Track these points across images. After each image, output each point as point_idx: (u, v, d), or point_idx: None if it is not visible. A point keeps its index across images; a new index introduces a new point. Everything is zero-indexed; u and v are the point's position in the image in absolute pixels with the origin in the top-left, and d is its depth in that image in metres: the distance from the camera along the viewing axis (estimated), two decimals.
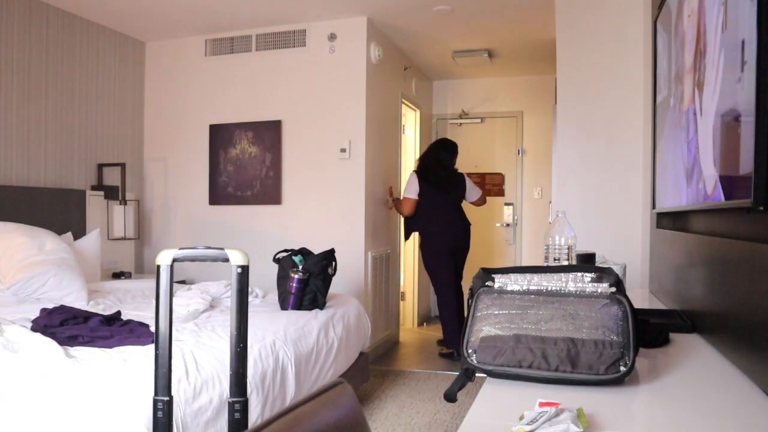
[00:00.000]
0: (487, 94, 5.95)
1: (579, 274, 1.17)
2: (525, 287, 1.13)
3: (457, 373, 1.13)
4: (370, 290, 4.29)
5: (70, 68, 4.08)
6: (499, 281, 1.15)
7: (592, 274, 1.16)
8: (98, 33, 4.30)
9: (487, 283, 1.15)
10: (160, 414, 1.49)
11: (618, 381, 1.03)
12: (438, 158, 4.44)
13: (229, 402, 1.51)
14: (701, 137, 1.44)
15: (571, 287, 1.11)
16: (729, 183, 1.21)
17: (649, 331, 1.37)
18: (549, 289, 1.11)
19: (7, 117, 3.64)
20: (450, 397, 1.10)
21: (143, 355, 1.96)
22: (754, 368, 1.07)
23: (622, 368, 1.02)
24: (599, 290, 1.09)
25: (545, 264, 1.95)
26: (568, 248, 1.86)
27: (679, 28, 1.78)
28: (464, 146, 6.03)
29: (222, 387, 1.99)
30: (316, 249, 3.11)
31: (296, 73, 4.34)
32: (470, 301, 1.16)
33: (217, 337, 2.27)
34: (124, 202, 4.23)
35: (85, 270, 3.33)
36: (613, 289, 1.08)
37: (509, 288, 1.13)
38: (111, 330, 2.20)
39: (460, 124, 6.02)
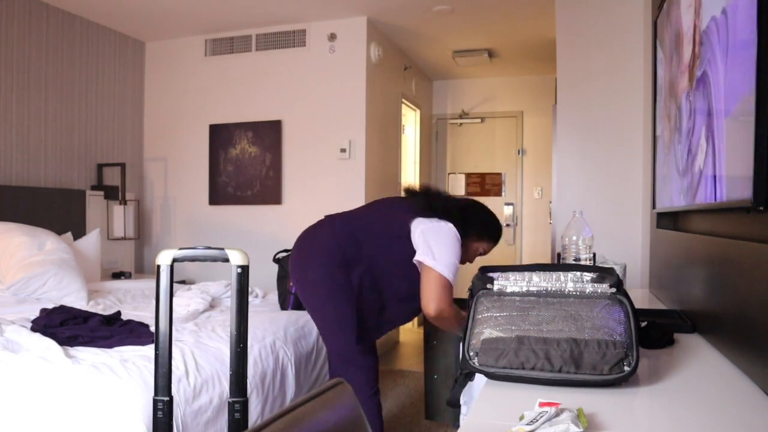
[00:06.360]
0: (487, 94, 5.95)
1: (578, 273, 1.17)
2: (525, 289, 1.12)
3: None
4: None
5: (70, 68, 4.07)
6: (499, 283, 1.14)
7: (593, 274, 1.16)
8: (98, 33, 4.30)
9: (486, 286, 1.15)
10: (160, 414, 1.49)
11: (622, 381, 1.02)
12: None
13: (229, 402, 1.51)
14: (700, 136, 1.44)
15: (571, 288, 1.10)
16: (729, 183, 1.21)
17: (653, 332, 1.37)
18: (549, 290, 1.11)
19: (7, 117, 3.64)
20: (453, 402, 1.09)
21: (143, 355, 1.96)
22: (754, 368, 1.07)
23: (626, 368, 1.01)
24: (599, 291, 1.09)
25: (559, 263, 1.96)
26: (588, 248, 1.89)
27: (674, 22, 1.78)
28: (464, 146, 6.03)
29: (222, 387, 1.99)
30: None
31: (296, 73, 4.34)
32: (470, 302, 1.16)
33: (217, 337, 2.27)
34: (124, 202, 4.22)
35: (85, 270, 3.33)
36: (614, 290, 1.08)
37: (509, 290, 1.13)
38: (111, 330, 2.19)
39: (460, 124, 6.02)
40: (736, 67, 1.14)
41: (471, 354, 1.10)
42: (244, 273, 1.51)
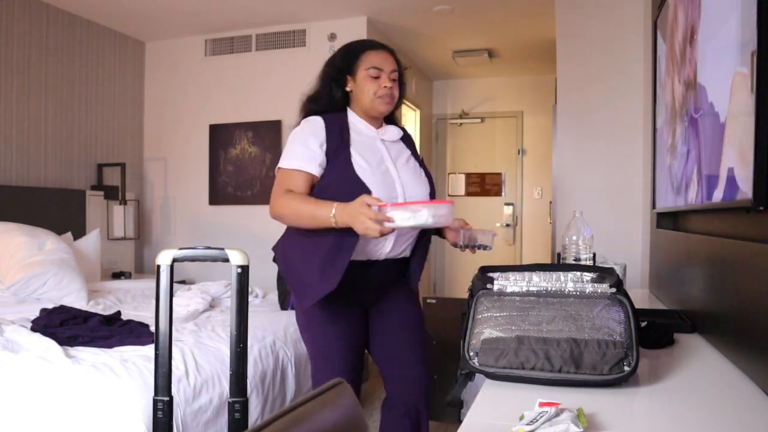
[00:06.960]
0: (487, 94, 5.95)
1: (579, 273, 1.17)
2: (525, 289, 1.12)
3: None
4: None
5: (70, 68, 4.07)
6: (499, 283, 1.14)
7: (593, 274, 1.16)
8: (98, 33, 4.30)
9: (487, 286, 1.15)
10: (160, 414, 1.49)
11: (622, 381, 1.02)
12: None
13: (229, 402, 1.51)
14: (700, 137, 1.44)
15: (571, 287, 1.10)
16: (728, 183, 1.21)
17: (653, 332, 1.37)
18: (549, 290, 1.11)
19: (7, 117, 3.64)
20: (454, 402, 1.09)
21: (143, 355, 1.96)
22: (754, 368, 1.07)
23: (626, 368, 1.01)
24: (599, 291, 1.09)
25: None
26: (588, 248, 1.88)
27: (670, 21, 1.78)
28: (464, 146, 6.03)
29: (222, 387, 1.99)
30: None
31: (296, 73, 4.34)
32: (470, 302, 1.16)
33: (217, 337, 2.27)
34: (124, 202, 4.22)
35: (85, 270, 3.32)
36: (614, 290, 1.08)
37: (509, 290, 1.13)
38: (111, 330, 2.19)
39: (460, 124, 6.02)
40: (733, 64, 1.14)
41: (471, 354, 1.10)
42: (244, 273, 1.51)
